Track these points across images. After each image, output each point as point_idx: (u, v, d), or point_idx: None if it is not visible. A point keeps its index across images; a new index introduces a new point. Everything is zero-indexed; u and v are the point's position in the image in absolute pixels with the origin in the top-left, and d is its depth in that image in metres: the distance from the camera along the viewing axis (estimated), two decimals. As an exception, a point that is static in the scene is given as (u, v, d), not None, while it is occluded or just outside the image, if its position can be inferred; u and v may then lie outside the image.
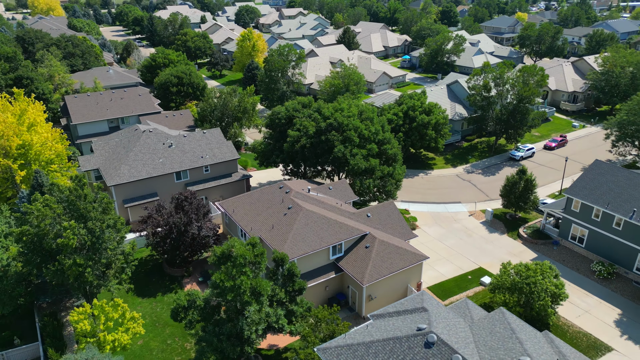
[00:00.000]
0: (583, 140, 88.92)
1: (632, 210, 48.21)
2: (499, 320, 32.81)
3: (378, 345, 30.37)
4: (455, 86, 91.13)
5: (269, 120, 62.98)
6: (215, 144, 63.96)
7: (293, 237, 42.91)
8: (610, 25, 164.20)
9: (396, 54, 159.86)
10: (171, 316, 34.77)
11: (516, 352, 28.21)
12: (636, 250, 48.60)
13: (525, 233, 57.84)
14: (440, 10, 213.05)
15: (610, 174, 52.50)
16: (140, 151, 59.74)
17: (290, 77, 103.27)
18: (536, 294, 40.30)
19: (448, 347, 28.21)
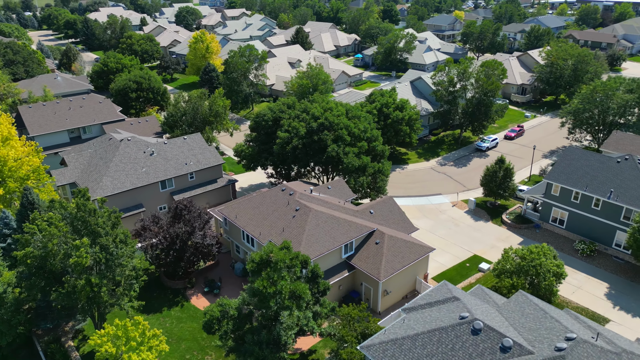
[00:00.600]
0: (537, 129, 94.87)
1: (609, 191, 52.32)
2: (524, 303, 34.56)
3: (424, 337, 31.05)
4: (418, 82, 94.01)
5: (254, 122, 61.98)
6: (198, 149, 62.05)
7: (307, 238, 42.68)
8: (540, 21, 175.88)
9: (347, 53, 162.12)
10: (204, 329, 33.56)
11: (557, 330, 29.91)
12: (614, 228, 52.78)
13: (509, 219, 61.01)
14: (382, 10, 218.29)
15: (584, 158, 56.59)
16: (121, 161, 56.78)
17: (252, 79, 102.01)
18: (542, 274, 42.78)
19: (496, 332, 29.40)
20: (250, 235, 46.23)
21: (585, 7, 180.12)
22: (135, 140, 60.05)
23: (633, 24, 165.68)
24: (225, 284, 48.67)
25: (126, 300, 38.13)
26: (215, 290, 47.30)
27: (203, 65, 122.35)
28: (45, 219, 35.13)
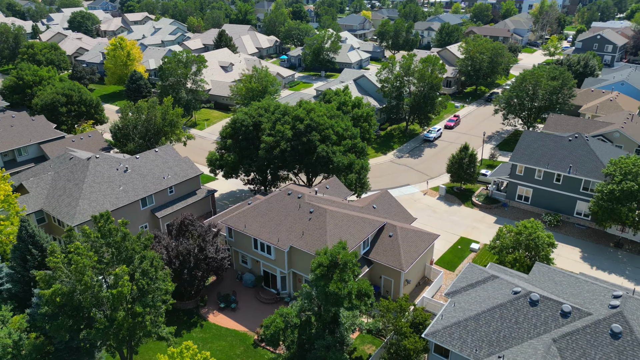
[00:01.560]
0: (469, 118, 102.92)
1: (569, 166, 58.99)
2: (550, 272, 38.15)
3: (486, 316, 33.03)
4: (361, 80, 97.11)
5: (230, 129, 59.99)
6: (172, 161, 58.63)
7: (330, 239, 42.76)
8: (441, 19, 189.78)
9: (270, 55, 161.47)
10: (270, 342, 32.40)
11: (598, 291, 33.59)
12: (574, 199, 59.64)
13: (478, 201, 65.96)
14: (291, 11, 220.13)
15: (541, 140, 63.05)
16: (94, 181, 51.87)
17: (191, 85, 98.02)
18: (540, 246, 47.25)
19: (553, 301, 32.27)
20: (266, 243, 45.07)
21: (478, 5, 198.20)
22: (105, 157, 55.15)
23: (520, 19, 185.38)
24: (238, 297, 46.95)
25: (163, 327, 35.39)
26: (232, 304, 45.42)
27: (125, 73, 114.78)
28: (72, 249, 31.34)
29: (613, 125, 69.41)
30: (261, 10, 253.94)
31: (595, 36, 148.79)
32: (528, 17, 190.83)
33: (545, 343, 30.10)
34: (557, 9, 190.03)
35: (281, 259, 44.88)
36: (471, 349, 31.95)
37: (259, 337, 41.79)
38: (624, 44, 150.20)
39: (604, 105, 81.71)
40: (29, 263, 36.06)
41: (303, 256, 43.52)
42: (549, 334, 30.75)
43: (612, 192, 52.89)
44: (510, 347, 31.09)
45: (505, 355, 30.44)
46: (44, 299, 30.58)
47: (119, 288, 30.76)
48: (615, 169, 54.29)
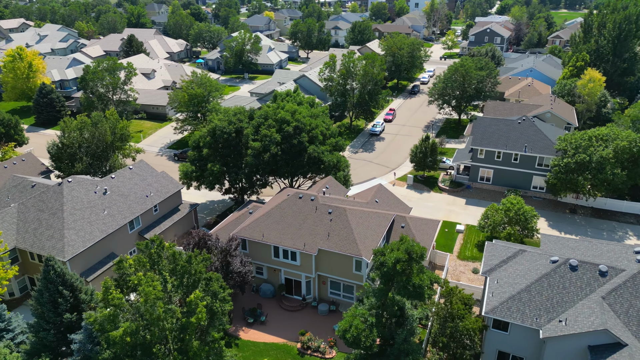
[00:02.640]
0: (402, 110, 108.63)
1: (524, 146, 65.62)
2: (561, 241, 42.65)
3: (536, 286, 36.04)
4: (302, 80, 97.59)
5: (210, 137, 56.94)
6: (151, 178, 54.24)
7: (358, 237, 43.15)
8: (344, 17, 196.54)
9: (182, 59, 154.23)
10: (352, 345, 32.02)
11: (618, 250, 38.39)
12: (530, 174, 66.51)
13: (445, 186, 70.49)
14: (190, 13, 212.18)
15: (494, 124, 69.15)
16: (74, 208, 46.21)
17: (121, 95, 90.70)
18: (528, 219, 52.26)
19: (589, 264, 36.23)
20: (290, 250, 43.99)
21: (376, 4, 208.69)
22: (78, 180, 49.22)
23: (415, 17, 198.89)
24: (263, 309, 45.31)
25: (226, 351, 33.13)
26: (261, 318, 43.66)
27: (29, 87, 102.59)
28: (137, 280, 27.99)
29: (543, 107, 78.36)
30: (153, 14, 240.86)
31: (485, 30, 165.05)
32: (421, 14, 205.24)
33: (596, 301, 33.86)
34: (445, 6, 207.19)
35: (308, 264, 44.18)
36: (531, 318, 34.74)
37: (302, 345, 40.84)
38: (509, 36, 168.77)
39: (524, 90, 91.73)
40: (61, 307, 31.28)
41: (331, 257, 43.32)
42: (595, 293, 34.60)
43: (568, 165, 60.10)
44: (565, 311, 34.41)
45: (566, 318, 33.66)
46: (111, 340, 26.96)
47: (197, 315, 28.28)
48: (567, 145, 61.72)
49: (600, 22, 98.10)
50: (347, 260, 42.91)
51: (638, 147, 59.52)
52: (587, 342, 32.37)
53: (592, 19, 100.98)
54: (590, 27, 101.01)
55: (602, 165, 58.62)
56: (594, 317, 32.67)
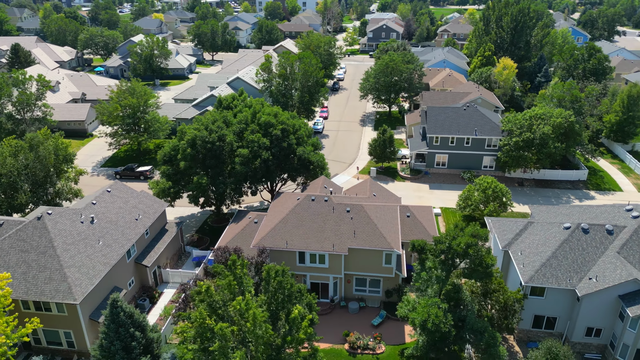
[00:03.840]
0: (332, 106, 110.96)
1: (474, 130, 71.68)
2: (546, 210, 47.99)
3: (560, 252, 40.16)
4: (236, 83, 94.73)
5: (190, 149, 53.02)
6: (133, 199, 49.18)
7: (383, 231, 43.94)
8: (241, 18, 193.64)
9: (73, 67, 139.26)
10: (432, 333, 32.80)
11: (609, 211, 44.22)
12: (481, 155, 72.86)
13: (405, 174, 74.15)
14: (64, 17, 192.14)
15: (443, 112, 74.35)
16: (66, 242, 40.32)
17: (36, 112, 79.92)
18: (505, 195, 57.51)
19: (597, 225, 41.34)
20: (318, 253, 43.26)
21: (270, 4, 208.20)
22: (56, 211, 42.76)
23: (310, 15, 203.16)
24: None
25: None
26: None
27: None
28: (243, 305, 25.72)
29: (472, 94, 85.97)
30: (14, 19, 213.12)
31: (381, 26, 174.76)
32: (315, 13, 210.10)
33: (614, 256, 38.94)
34: (337, 4, 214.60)
35: (337, 264, 43.87)
36: (565, 280, 38.78)
37: (350, 345, 40.63)
38: (402, 31, 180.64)
39: (447, 80, 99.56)
40: (135, 350, 27.35)
41: (360, 255, 43.57)
42: (609, 250, 39.72)
43: (517, 143, 67.18)
44: (590, 269, 39.03)
45: (595, 275, 38.23)
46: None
47: (305, 329, 27.01)
48: (512, 125, 68.87)
49: (498, 16, 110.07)
50: (377, 255, 43.52)
51: (569, 122, 68.60)
52: (618, 292, 37.19)
53: (490, 13, 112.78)
54: (489, 20, 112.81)
55: (545, 140, 66.55)
56: (619, 270, 37.59)
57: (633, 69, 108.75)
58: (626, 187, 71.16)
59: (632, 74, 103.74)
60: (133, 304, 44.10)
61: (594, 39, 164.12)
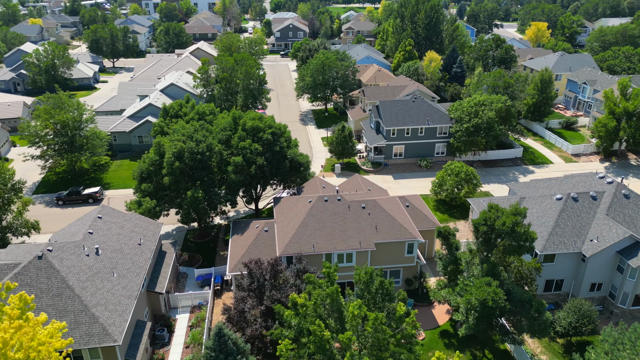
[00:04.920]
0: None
1: (426, 120, 76.16)
2: (525, 186, 53.36)
3: (560, 221, 44.82)
4: (171, 90, 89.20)
5: (178, 163, 49.15)
6: (128, 223, 44.66)
7: (402, 223, 45.31)
8: (135, 20, 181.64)
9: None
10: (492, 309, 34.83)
11: (579, 180, 50.27)
12: (434, 143, 77.69)
13: (367, 167, 76.37)
14: None
15: (395, 106, 77.74)
16: (80, 279, 35.60)
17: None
18: (475, 178, 62.23)
19: (583, 193, 46.88)
20: (345, 252, 43.22)
21: (165, 5, 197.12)
22: (56, 245, 37.20)
23: (210, 17, 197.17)
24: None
25: None
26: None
27: None
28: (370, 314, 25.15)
29: (409, 87, 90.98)
30: None
31: (288, 26, 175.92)
32: (213, 14, 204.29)
33: (604, 218, 44.56)
34: (237, 4, 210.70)
35: (364, 261, 44.18)
36: (572, 245, 43.52)
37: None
38: (307, 31, 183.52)
39: (378, 75, 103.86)
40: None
41: (385, 248, 44.44)
42: (599, 213, 45.34)
43: (468, 129, 72.95)
44: (588, 231, 44.31)
45: (595, 236, 43.48)
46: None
47: (412, 325, 27.33)
48: (461, 113, 74.52)
49: (412, 12, 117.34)
50: (400, 246, 44.77)
51: (507, 107, 76.15)
52: (616, 248, 42.77)
53: (404, 10, 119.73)
54: (404, 17, 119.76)
55: (491, 124, 73.17)
56: (614, 229, 43.24)
57: (527, 56, 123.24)
58: (554, 159, 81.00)
59: (527, 61, 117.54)
60: (150, 336, 40.11)
61: (478, 32, 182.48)
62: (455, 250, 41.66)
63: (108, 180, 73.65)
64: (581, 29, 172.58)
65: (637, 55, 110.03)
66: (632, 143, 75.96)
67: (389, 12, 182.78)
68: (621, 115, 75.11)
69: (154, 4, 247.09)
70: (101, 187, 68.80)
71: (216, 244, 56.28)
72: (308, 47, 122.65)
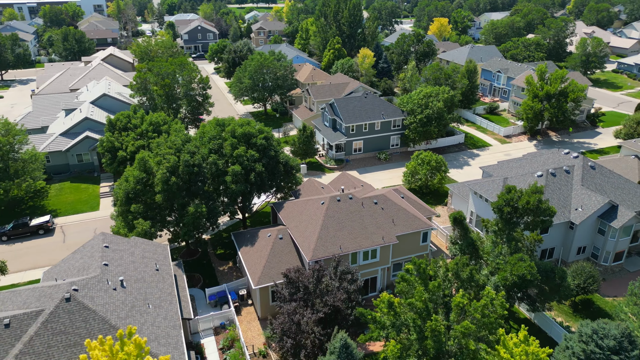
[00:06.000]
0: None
1: (381, 114, 78.78)
2: (498, 166, 58.18)
3: (547, 194, 49.54)
4: (103, 101, 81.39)
5: (175, 178, 45.30)
6: (135, 248, 40.53)
7: (412, 211, 46.83)
8: (15, 27, 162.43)
9: None
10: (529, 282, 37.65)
11: (550, 155, 55.89)
12: (389, 136, 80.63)
13: (331, 165, 77.02)
14: None
15: (350, 102, 79.22)
16: (119, 317, 31.90)
17: None
18: (443, 165, 65.99)
19: (559, 168, 52.18)
20: (370, 249, 43.52)
21: (50, 9, 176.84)
22: (80, 284, 32.53)
23: (105, 20, 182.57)
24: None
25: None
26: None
27: None
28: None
29: (351, 84, 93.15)
30: None
31: (197, 27, 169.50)
32: (105, 17, 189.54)
33: (580, 189, 50.04)
34: (132, 7, 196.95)
35: (386, 255, 44.85)
36: (562, 214, 48.32)
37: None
38: (217, 32, 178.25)
39: (314, 74, 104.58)
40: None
41: (403, 240, 45.59)
42: (575, 184, 50.71)
43: (422, 120, 77.00)
44: (570, 202, 49.54)
45: (579, 205, 48.75)
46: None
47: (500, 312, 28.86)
48: (413, 105, 78.32)
49: (334, 11, 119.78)
50: (416, 236, 46.26)
51: (451, 96, 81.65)
52: (597, 214, 48.49)
53: (326, 9, 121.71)
54: (327, 16, 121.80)
55: (441, 114, 77.99)
56: (593, 197, 48.95)
57: (440, 49, 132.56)
58: (491, 142, 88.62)
59: (442, 54, 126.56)
60: (186, 367, 36.92)
61: (382, 29, 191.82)
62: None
63: (52, 207, 65.45)
64: (471, 23, 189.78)
65: (534, 45, 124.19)
66: (555, 122, 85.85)
67: (298, 12, 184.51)
68: (543, 97, 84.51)
69: (28, 8, 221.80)
70: (51, 215, 60.90)
71: (208, 260, 53.12)
72: (233, 49, 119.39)
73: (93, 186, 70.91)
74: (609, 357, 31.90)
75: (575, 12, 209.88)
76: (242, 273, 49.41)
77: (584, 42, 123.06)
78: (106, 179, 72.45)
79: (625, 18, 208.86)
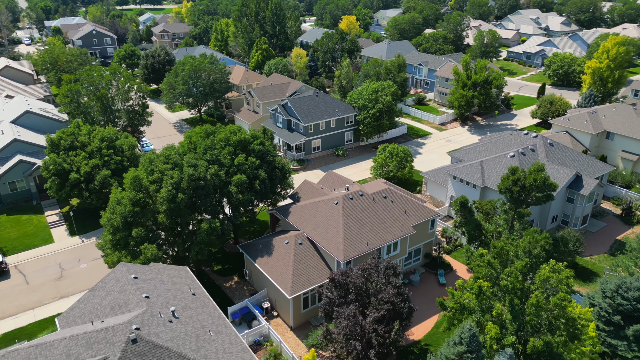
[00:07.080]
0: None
1: (335, 112, 79.75)
2: (469, 150, 62.67)
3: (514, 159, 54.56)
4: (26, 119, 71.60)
5: (182, 195, 41.70)
6: (161, 275, 37.01)
7: (417, 200, 48.58)
8: None
9: None
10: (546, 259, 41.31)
11: (511, 137, 61.27)
12: (343, 132, 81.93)
13: (294, 166, 76.26)
14: None
15: (304, 102, 78.94)
16: (192, 349, 29.24)
17: None
18: (409, 156, 68.98)
19: (526, 148, 57.54)
20: (392, 242, 44.30)
21: None
22: (137, 321, 28.80)
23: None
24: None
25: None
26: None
27: None
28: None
29: (293, 84, 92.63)
30: None
31: (92, 32, 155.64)
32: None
33: (547, 163, 55.75)
34: (6, 11, 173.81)
35: (405, 246, 45.96)
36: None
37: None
38: (115, 36, 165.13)
39: (249, 76, 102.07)
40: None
41: (417, 229, 47.13)
42: (541, 160, 56.47)
43: (374, 114, 79.57)
44: (543, 177, 55.04)
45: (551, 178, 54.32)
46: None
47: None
48: (365, 100, 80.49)
49: (255, 11, 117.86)
50: (426, 224, 48.07)
51: (395, 90, 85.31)
52: (566, 185, 54.45)
53: (246, 9, 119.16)
54: (248, 16, 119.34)
55: (391, 107, 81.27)
56: (561, 170, 54.81)
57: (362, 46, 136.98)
58: (430, 130, 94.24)
59: (362, 50, 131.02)
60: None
61: (324, 27, 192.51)
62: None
63: (-4, 245, 56.47)
64: (372, 20, 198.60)
65: (441, 38, 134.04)
66: (484, 107, 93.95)
67: (199, 13, 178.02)
68: (471, 86, 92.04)
69: None
70: (1, 254, 52.47)
71: (209, 278, 49.88)
72: (151, 54, 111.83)
73: (37, 216, 62.29)
74: (636, 306, 36.50)
75: (456, 8, 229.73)
76: (254, 286, 47.28)
77: (480, 35, 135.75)
78: (50, 207, 64.10)
79: (496, 12, 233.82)
